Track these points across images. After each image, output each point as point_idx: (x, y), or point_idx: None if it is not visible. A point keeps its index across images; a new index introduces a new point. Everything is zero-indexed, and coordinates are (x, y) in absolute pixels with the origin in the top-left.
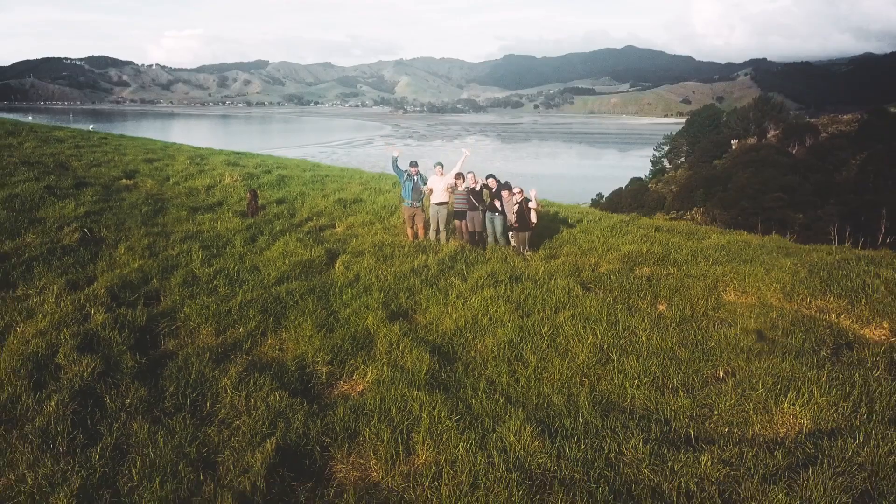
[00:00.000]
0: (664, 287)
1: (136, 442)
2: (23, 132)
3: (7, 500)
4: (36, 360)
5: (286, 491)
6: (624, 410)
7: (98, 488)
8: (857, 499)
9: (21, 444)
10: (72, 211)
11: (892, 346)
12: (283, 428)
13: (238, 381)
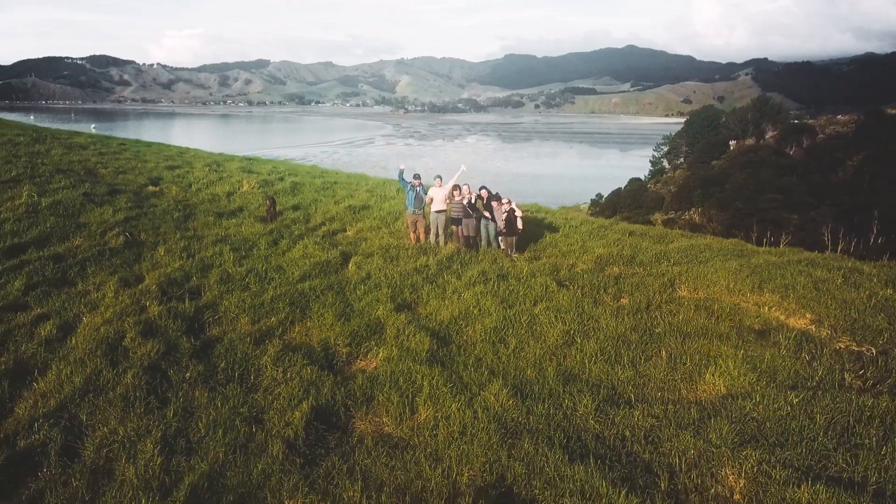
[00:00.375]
0: (628, 284)
1: (199, 405)
2: (47, 139)
3: (104, 446)
4: (108, 344)
5: (319, 439)
6: (581, 380)
7: (174, 437)
8: (746, 440)
9: (108, 407)
10: (111, 216)
11: (803, 332)
12: (315, 393)
13: (275, 358)
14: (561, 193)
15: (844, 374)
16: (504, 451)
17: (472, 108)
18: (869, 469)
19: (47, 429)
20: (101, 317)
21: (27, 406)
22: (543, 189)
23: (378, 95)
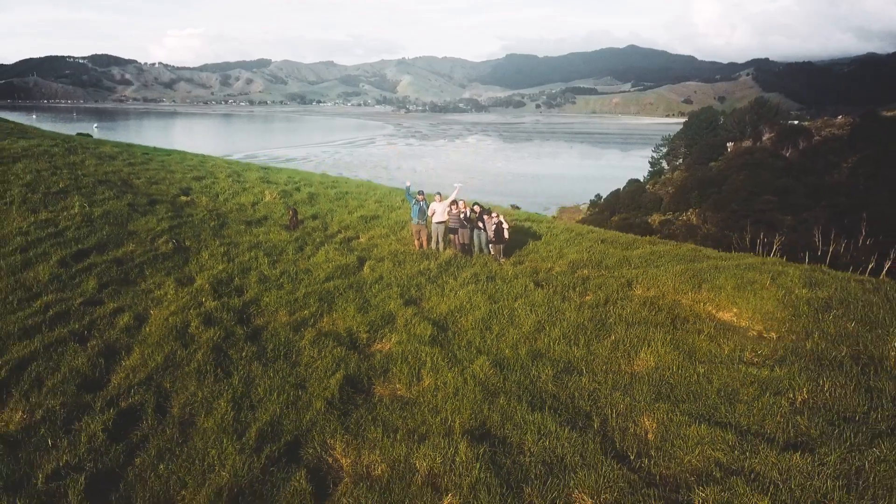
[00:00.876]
0: (593, 284)
1: (256, 376)
2: (78, 149)
3: (187, 405)
4: (177, 331)
5: (350, 399)
6: (546, 357)
7: (241, 399)
8: (660, 398)
9: (186, 377)
10: (156, 225)
11: (726, 322)
12: (344, 367)
13: (311, 342)
14: (561, 193)
15: (745, 352)
16: (486, 405)
17: (473, 107)
18: (741, 417)
19: (142, 393)
20: (167, 310)
21: (120, 378)
22: (544, 189)
23: (379, 95)
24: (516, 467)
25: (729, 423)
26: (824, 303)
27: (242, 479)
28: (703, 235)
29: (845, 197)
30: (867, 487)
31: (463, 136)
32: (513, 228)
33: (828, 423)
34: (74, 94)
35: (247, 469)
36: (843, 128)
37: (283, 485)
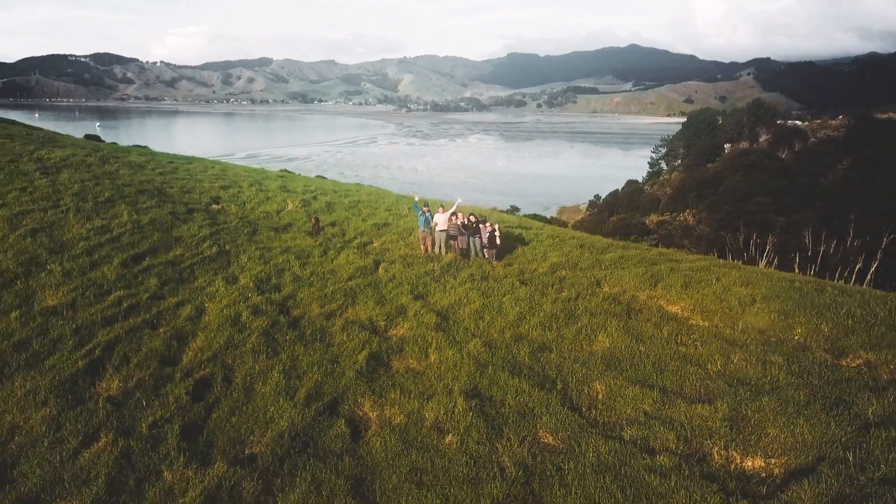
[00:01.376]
0: (568, 282)
1: (299, 354)
2: (110, 159)
3: (247, 376)
4: (231, 319)
5: (374, 370)
6: (525, 339)
7: (289, 371)
8: (610, 368)
9: (243, 355)
10: (197, 231)
11: (672, 313)
12: (368, 347)
13: (341, 328)
14: (561, 193)
15: (680, 336)
16: (477, 374)
17: (474, 107)
18: (667, 381)
19: (210, 367)
20: (221, 303)
21: (191, 356)
22: (544, 189)
23: (381, 94)
24: (498, 416)
25: (657, 386)
26: (752, 298)
27: (297, 426)
28: (697, 236)
29: (839, 198)
30: (746, 427)
31: (464, 136)
32: (505, 235)
33: (728, 385)
34: (76, 93)
35: (300, 419)
36: (839, 130)
37: (328, 430)
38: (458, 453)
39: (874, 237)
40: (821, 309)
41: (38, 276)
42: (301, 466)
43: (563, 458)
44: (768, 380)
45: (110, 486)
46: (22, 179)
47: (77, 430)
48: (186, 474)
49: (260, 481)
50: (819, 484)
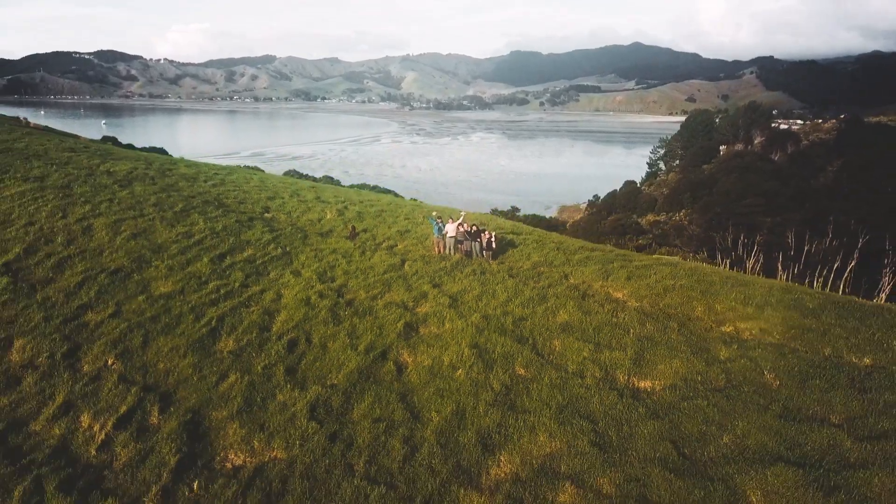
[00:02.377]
0: (544, 276)
1: (356, 323)
2: (165, 172)
3: (322, 338)
4: (304, 301)
5: (408, 333)
6: (510, 314)
7: (350, 334)
8: (569, 334)
9: (318, 324)
10: (261, 236)
11: (616, 298)
12: (403, 319)
13: (382, 306)
14: (562, 192)
15: (617, 311)
16: (477, 335)
17: (477, 105)
18: (601, 339)
19: (295, 333)
20: (293, 290)
21: (278, 326)
22: (546, 188)
23: (384, 92)
24: (490, 359)
25: (593, 342)
26: (673, 287)
27: (361, 367)
28: (688, 236)
29: (831, 200)
30: (644, 365)
31: (467, 134)
32: (500, 239)
33: (639, 341)
34: (80, 90)
35: (362, 362)
36: (830, 132)
37: (381, 368)
38: (464, 380)
39: (854, 237)
40: (719, 293)
41: (148, 270)
42: (367, 389)
43: (529, 381)
44: (665, 338)
45: (244, 402)
46: (106, 192)
47: (213, 371)
48: (293, 394)
49: (342, 397)
50: (677, 391)
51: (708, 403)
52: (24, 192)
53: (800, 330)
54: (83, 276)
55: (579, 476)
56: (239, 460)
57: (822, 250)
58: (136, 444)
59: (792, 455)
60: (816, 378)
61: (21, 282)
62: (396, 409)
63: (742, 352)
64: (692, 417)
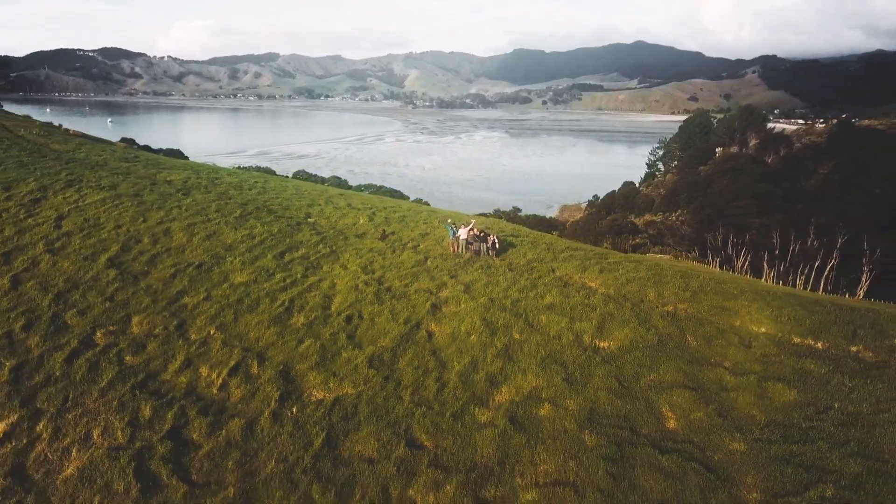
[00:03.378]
0: (535, 269)
1: (394, 305)
2: (215, 181)
3: (369, 314)
4: (354, 288)
5: (434, 311)
6: (509, 298)
7: (392, 310)
8: (549, 312)
9: (366, 304)
10: (310, 237)
11: (590, 287)
12: (429, 301)
13: (413, 292)
14: (563, 192)
15: (589, 296)
16: (485, 312)
17: (479, 103)
18: (574, 315)
19: (349, 310)
20: (344, 280)
21: (336, 306)
22: (547, 188)
23: (387, 90)
24: (494, 328)
25: (569, 317)
26: (636, 278)
27: (401, 334)
28: (680, 236)
29: (823, 202)
30: (604, 331)
31: (470, 133)
32: (502, 241)
33: (601, 315)
34: (85, 87)
35: (402, 331)
36: (822, 135)
37: (416, 335)
38: (476, 342)
39: (834, 237)
40: (668, 283)
41: (224, 265)
42: (407, 348)
43: (522, 343)
44: (621, 314)
45: (319, 358)
46: (172, 199)
47: (293, 338)
48: (354, 352)
49: (390, 353)
50: (624, 348)
51: (643, 355)
52: (104, 200)
53: (720, 308)
54: (174, 269)
55: (554, 399)
56: (321, 395)
57: (805, 250)
58: (246, 386)
59: (691, 384)
60: (721, 339)
61: (125, 273)
62: (430, 361)
63: (674, 323)
64: (631, 364)
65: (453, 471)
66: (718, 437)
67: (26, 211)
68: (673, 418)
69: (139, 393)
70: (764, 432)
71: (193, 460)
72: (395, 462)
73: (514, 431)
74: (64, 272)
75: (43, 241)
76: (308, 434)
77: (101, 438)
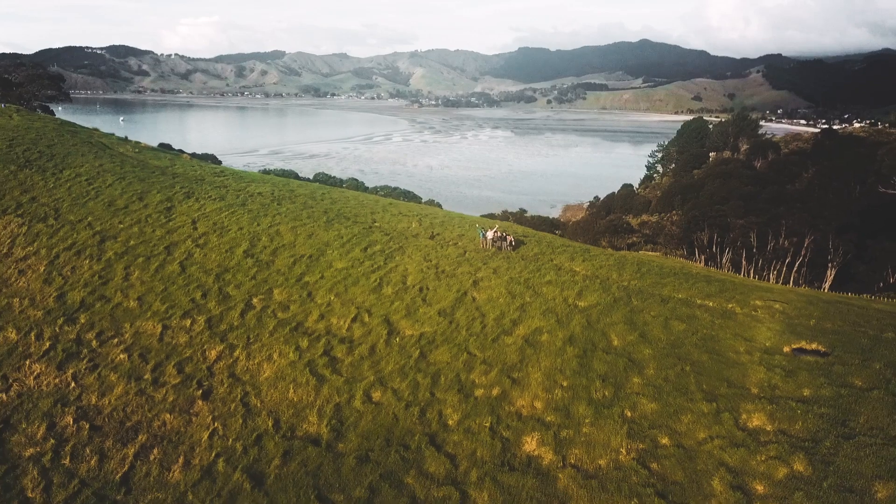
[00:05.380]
0: (540, 259)
1: (450, 280)
2: (288, 193)
3: (434, 287)
4: (420, 271)
5: (475, 284)
6: (522, 277)
7: (448, 285)
8: (549, 285)
9: (430, 280)
10: (381, 237)
11: (574, 270)
12: (471, 278)
13: (459, 273)
14: (566, 191)
15: (574, 276)
16: (510, 285)
17: (485, 102)
18: (564, 287)
19: (420, 284)
20: (413, 266)
21: (409, 281)
22: (551, 188)
23: (392, 88)
24: (513, 295)
25: (561, 288)
26: (614, 264)
27: (455, 299)
28: (670, 235)
29: (802, 203)
30: (582, 296)
31: (475, 132)
32: (516, 240)
33: (581, 287)
34: (94, 85)
35: (455, 297)
36: (808, 142)
37: (464, 299)
38: (502, 302)
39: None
40: (627, 269)
41: (326, 256)
42: (459, 307)
43: (531, 303)
44: (593, 286)
45: (406, 311)
46: (270, 208)
47: (387, 301)
48: (427, 309)
49: (450, 309)
50: (594, 305)
51: (603, 309)
52: (221, 209)
53: (655, 283)
54: (292, 259)
55: (549, 331)
56: (411, 332)
57: (777, 248)
58: (363, 328)
59: (628, 323)
60: (651, 300)
61: (257, 261)
62: (475, 313)
63: (625, 291)
64: (595, 313)
65: (494, 365)
66: (639, 348)
67: (165, 217)
68: (616, 339)
69: (295, 333)
70: (662, 343)
71: (342, 366)
72: (461, 362)
73: (527, 347)
74: (213, 260)
75: (189, 238)
76: (408, 351)
77: (279, 358)
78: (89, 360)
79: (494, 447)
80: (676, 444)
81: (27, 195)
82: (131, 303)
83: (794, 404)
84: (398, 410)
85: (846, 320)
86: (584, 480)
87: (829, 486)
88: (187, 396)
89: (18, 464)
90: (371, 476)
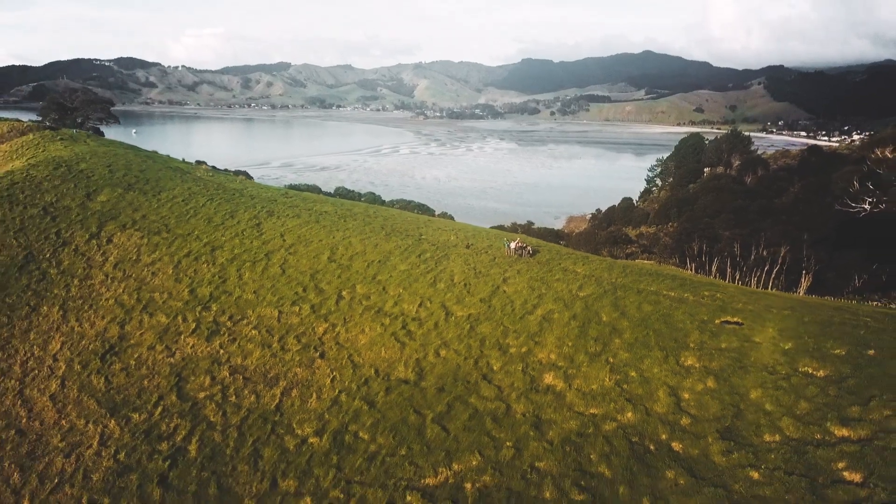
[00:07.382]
0: (551, 263)
1: (483, 277)
2: (340, 212)
3: (473, 278)
4: (462, 270)
5: (504, 280)
6: (538, 275)
7: (482, 280)
8: (555, 277)
9: (471, 276)
10: (430, 248)
11: (575, 271)
12: (501, 276)
13: (492, 273)
14: (570, 203)
15: (576, 275)
16: (529, 283)
17: (489, 113)
18: (569, 283)
19: (463, 282)
20: (457, 268)
21: (455, 280)
22: (556, 199)
23: (397, 100)
24: (532, 288)
25: (567, 284)
26: (605, 267)
27: (491, 290)
28: (661, 245)
29: (788, 216)
30: (574, 281)
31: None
32: (533, 249)
33: (581, 283)
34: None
35: (490, 290)
36: (795, 158)
37: (497, 291)
38: (525, 293)
39: (791, 247)
40: (614, 271)
41: (391, 261)
42: (495, 296)
43: (544, 294)
44: (589, 282)
45: (456, 299)
46: (338, 224)
47: (440, 294)
48: (470, 297)
49: (488, 297)
50: (591, 294)
51: (596, 297)
52: (300, 225)
53: (636, 280)
54: (366, 263)
55: (560, 312)
56: (461, 314)
57: (757, 258)
58: (427, 311)
59: (613, 306)
60: (630, 290)
61: (339, 265)
62: (505, 300)
63: (613, 285)
64: (591, 300)
65: (522, 333)
66: (620, 321)
67: (257, 231)
68: (605, 316)
69: (378, 315)
70: (635, 319)
71: (416, 335)
72: (499, 332)
73: (543, 321)
74: (305, 264)
75: (281, 248)
76: (461, 326)
77: (370, 331)
78: (228, 335)
79: (525, 380)
80: (640, 376)
81: (139, 213)
82: (249, 295)
83: (713, 352)
84: (459, 361)
85: (764, 304)
86: (582, 396)
87: (724, 392)
88: (309, 357)
89: (198, 401)
90: (447, 397)
